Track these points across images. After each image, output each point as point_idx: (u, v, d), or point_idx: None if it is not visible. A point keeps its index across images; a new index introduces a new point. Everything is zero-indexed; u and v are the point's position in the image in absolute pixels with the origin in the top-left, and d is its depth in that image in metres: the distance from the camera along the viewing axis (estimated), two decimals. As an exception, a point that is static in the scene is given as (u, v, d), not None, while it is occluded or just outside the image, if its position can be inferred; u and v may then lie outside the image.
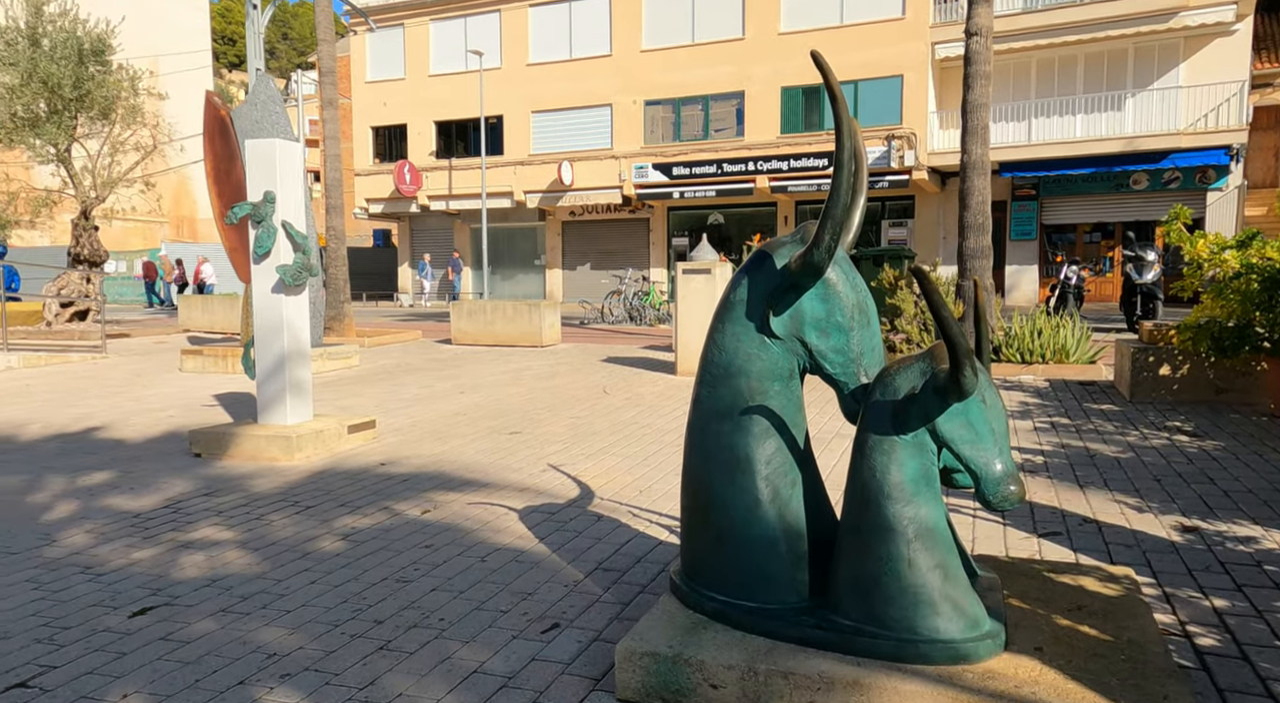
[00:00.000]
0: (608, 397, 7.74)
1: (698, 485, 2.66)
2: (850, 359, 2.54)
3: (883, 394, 2.35)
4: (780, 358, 2.57)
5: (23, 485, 4.81)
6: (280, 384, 5.59)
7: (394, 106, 29.28)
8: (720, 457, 2.60)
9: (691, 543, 2.71)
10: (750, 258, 2.67)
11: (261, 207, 5.49)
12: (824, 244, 2.38)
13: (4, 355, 9.94)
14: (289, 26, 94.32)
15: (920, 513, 2.29)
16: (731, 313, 2.64)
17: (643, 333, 15.31)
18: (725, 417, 2.60)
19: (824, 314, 2.54)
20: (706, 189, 24.95)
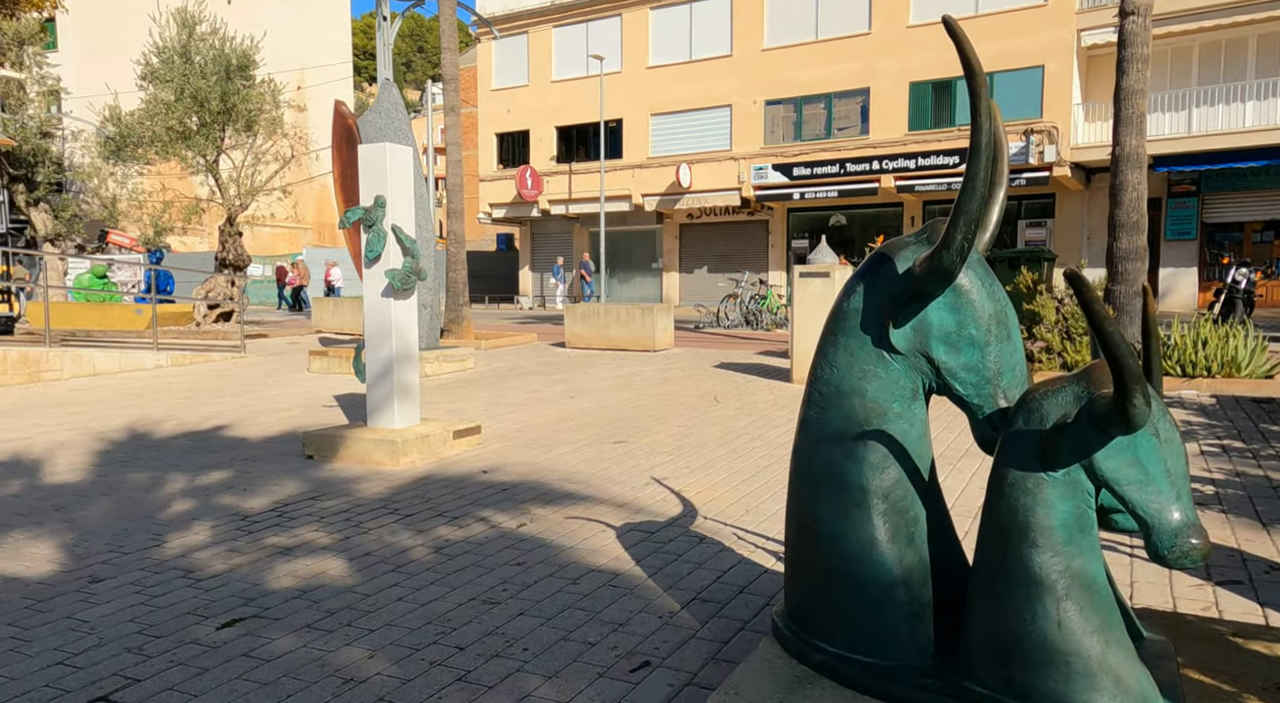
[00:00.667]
0: (719, 405, 7.45)
1: (804, 518, 2.36)
2: (985, 379, 2.18)
3: (1027, 422, 1.98)
4: (901, 376, 2.24)
5: (148, 483, 4.98)
6: (388, 387, 5.61)
7: (517, 113, 29.93)
8: (831, 487, 2.29)
9: (797, 582, 2.41)
10: (868, 261, 2.35)
11: (372, 211, 5.52)
12: (955, 244, 2.03)
13: (154, 354, 10.60)
14: (424, 40, 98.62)
15: (1074, 565, 1.92)
16: (845, 324, 2.33)
17: (758, 338, 14.91)
18: (837, 442, 2.29)
19: (954, 326, 2.19)
20: (828, 190, 24.21)
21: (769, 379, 8.98)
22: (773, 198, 25.38)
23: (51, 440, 6.27)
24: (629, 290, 29.95)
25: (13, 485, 4.98)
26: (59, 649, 2.75)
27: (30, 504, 4.54)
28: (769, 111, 25.64)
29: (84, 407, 7.86)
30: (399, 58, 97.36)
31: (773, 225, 26.94)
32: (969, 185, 2.01)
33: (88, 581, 3.38)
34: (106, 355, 10.08)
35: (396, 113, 9.93)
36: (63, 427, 6.84)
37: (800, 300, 8.45)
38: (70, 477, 5.17)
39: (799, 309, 8.46)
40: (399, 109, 9.96)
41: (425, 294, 9.97)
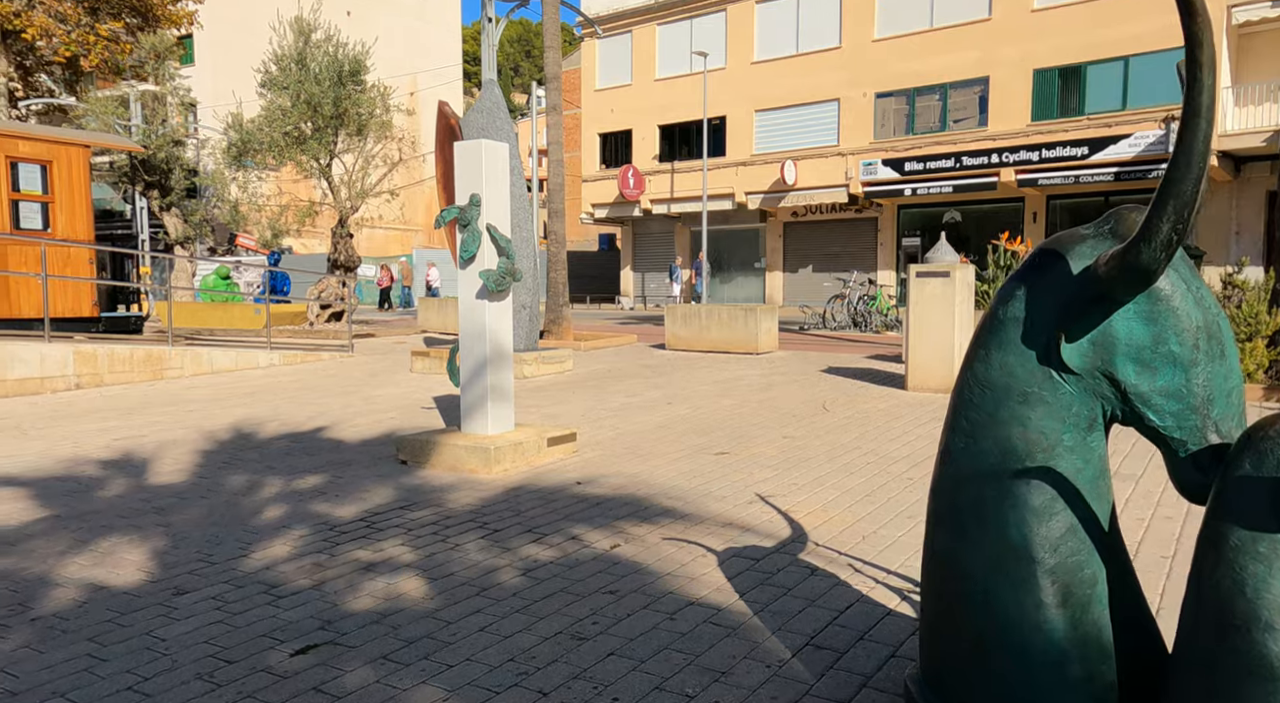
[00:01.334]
0: (827, 414, 6.99)
1: (948, 570, 1.96)
2: (1189, 407, 1.73)
3: (1258, 466, 1.54)
4: (1075, 401, 1.82)
5: (245, 486, 4.95)
6: (481, 392, 5.43)
7: (620, 112, 29.90)
8: (982, 536, 1.88)
9: (936, 646, 2.01)
10: (1032, 258, 1.92)
11: (467, 210, 5.36)
12: (1161, 236, 1.60)
13: (268, 353, 10.91)
14: (531, 45, 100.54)
15: (1325, 659, 1.46)
16: (1002, 335, 1.91)
17: (868, 341, 14.23)
18: (990, 480, 1.88)
19: (1148, 340, 1.75)
20: (942, 185, 23.08)
21: (881, 385, 8.43)
22: (882, 194, 24.41)
23: (164, 439, 6.40)
24: (731, 291, 29.47)
25: (119, 485, 5.04)
26: (131, 673, 2.62)
27: (134, 506, 4.56)
28: (879, 104, 24.67)
29: (198, 405, 8.08)
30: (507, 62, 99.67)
31: (882, 223, 25.94)
32: (1182, 160, 1.57)
33: (172, 593, 3.29)
34: (224, 354, 10.42)
35: (498, 112, 9.86)
36: (177, 425, 7.01)
37: (916, 302, 7.87)
38: (174, 477, 5.21)
39: (915, 311, 7.89)
40: (500, 108, 9.89)
41: (524, 295, 9.87)
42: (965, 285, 7.83)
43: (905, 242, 25.53)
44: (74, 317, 10.46)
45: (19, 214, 9.97)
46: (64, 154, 10.29)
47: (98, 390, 8.98)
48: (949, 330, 7.72)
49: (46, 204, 10.22)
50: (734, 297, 29.23)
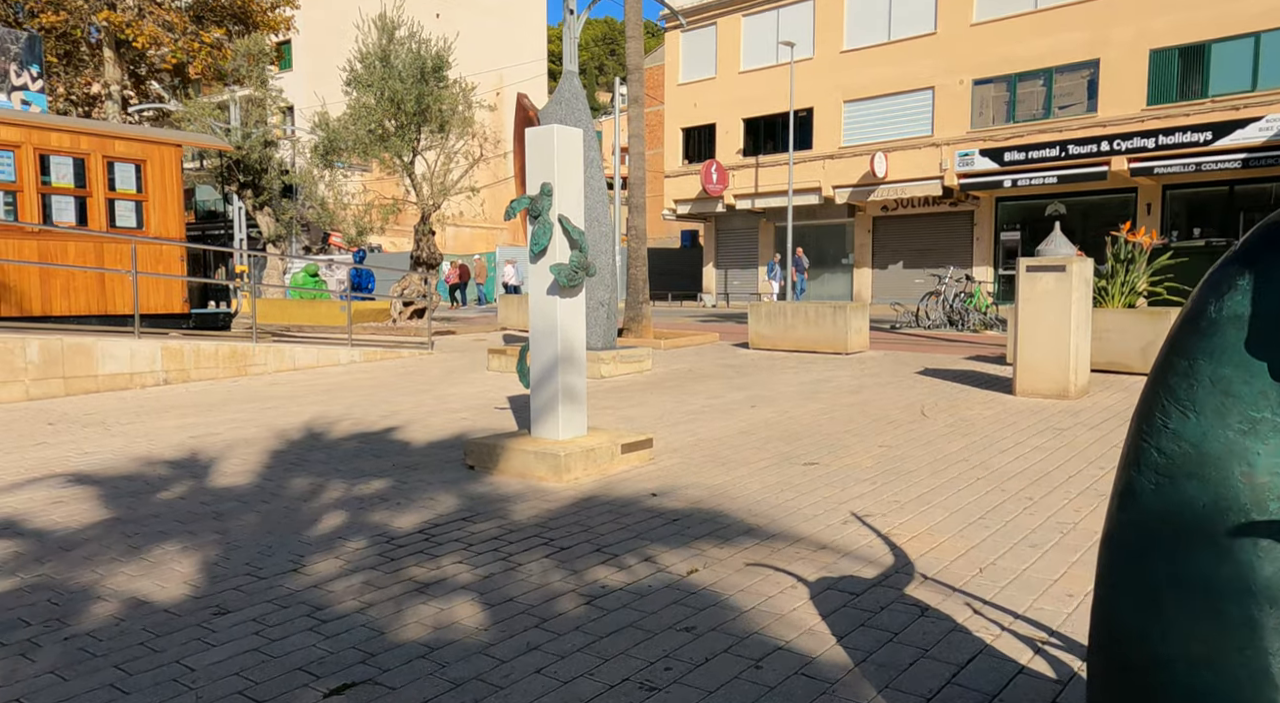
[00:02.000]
0: (926, 420, 6.41)
1: (1132, 654, 1.48)
2: None
3: None
4: (1323, 432, 1.32)
5: (308, 491, 4.75)
6: (552, 394, 5.10)
7: (703, 106, 29.41)
8: (1186, 605, 1.40)
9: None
10: (1262, 235, 1.42)
11: (538, 200, 5.03)
12: None
13: (348, 350, 10.91)
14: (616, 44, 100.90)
15: None
16: (1214, 339, 1.42)
17: (965, 340, 13.40)
18: (1195, 533, 1.40)
19: None
20: (1046, 175, 21.78)
21: (985, 389, 7.76)
22: (979, 186, 23.23)
23: (236, 437, 6.31)
24: (817, 288, 28.63)
25: (184, 486, 4.91)
26: (150, 708, 2.36)
27: (193, 510, 4.40)
28: (977, 92, 23.48)
29: (276, 402, 8.04)
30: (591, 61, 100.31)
31: (978, 216, 24.71)
32: None
33: (213, 612, 3.05)
34: (306, 351, 10.46)
35: (576, 102, 9.57)
36: (252, 422, 6.94)
37: (1027, 299, 7.18)
38: (238, 479, 5.06)
39: (1025, 309, 7.20)
40: (579, 99, 9.59)
41: (602, 292, 9.55)
42: (1083, 281, 7.11)
43: (1004, 236, 24.27)
44: (166, 313, 10.67)
45: (115, 213, 10.22)
46: (157, 153, 10.50)
47: (184, 386, 9.09)
48: (1064, 330, 7.02)
49: (140, 203, 10.45)
50: (820, 294, 28.38)
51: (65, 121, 10.29)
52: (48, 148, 9.66)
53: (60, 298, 9.71)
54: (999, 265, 24.18)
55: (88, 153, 9.94)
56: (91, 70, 30.01)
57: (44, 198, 9.72)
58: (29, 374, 8.20)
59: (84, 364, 8.56)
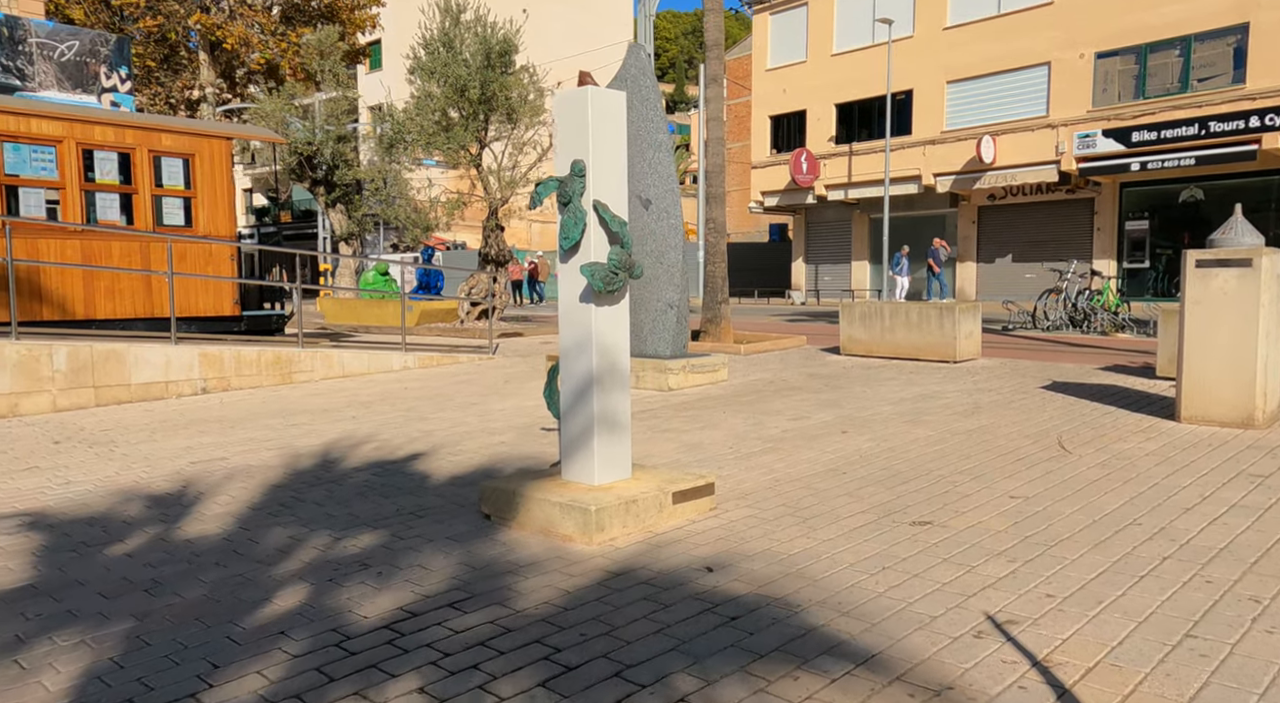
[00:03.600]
0: (1068, 458, 5.06)
1: None
2: None
3: None
4: None
5: (279, 548, 3.83)
6: (585, 425, 4.04)
7: (793, 92, 27.88)
8: None
9: None
10: None
11: (568, 183, 3.97)
12: None
13: (402, 355, 10.17)
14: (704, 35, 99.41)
15: None
16: None
17: (1094, 345, 11.70)
18: None
19: None
20: (1181, 157, 19.47)
21: (1136, 412, 6.30)
22: (1102, 170, 21.03)
23: (242, 463, 5.51)
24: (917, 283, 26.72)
25: (144, 536, 4.08)
26: None
27: (131, 575, 3.54)
28: (1100, 66, 21.25)
29: (308, 417, 7.27)
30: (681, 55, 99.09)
31: (1100, 204, 22.45)
32: None
33: (43, 772, 2.10)
34: (356, 357, 9.74)
35: (643, 78, 8.48)
36: (267, 444, 6.16)
37: (1198, 301, 5.71)
38: (211, 526, 4.19)
39: (1195, 313, 5.73)
40: (646, 75, 8.50)
41: (671, 292, 8.45)
42: (1275, 278, 5.59)
43: (1129, 226, 21.96)
44: (215, 315, 10.14)
45: (161, 210, 9.72)
46: (206, 147, 9.96)
47: (220, 396, 8.46)
48: (1248, 340, 5.53)
49: (189, 199, 9.93)
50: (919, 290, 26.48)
51: (108, 114, 9.86)
52: (91, 142, 9.20)
53: (104, 300, 9.26)
54: (1123, 258, 21.88)
55: (133, 147, 9.46)
56: (189, 73, 30.72)
57: (87, 195, 9.27)
58: (56, 383, 7.68)
59: (116, 372, 8.01)
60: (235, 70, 30.10)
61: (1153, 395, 6.99)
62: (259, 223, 48.57)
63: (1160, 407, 6.48)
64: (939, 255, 22.10)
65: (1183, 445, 5.26)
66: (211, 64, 28.40)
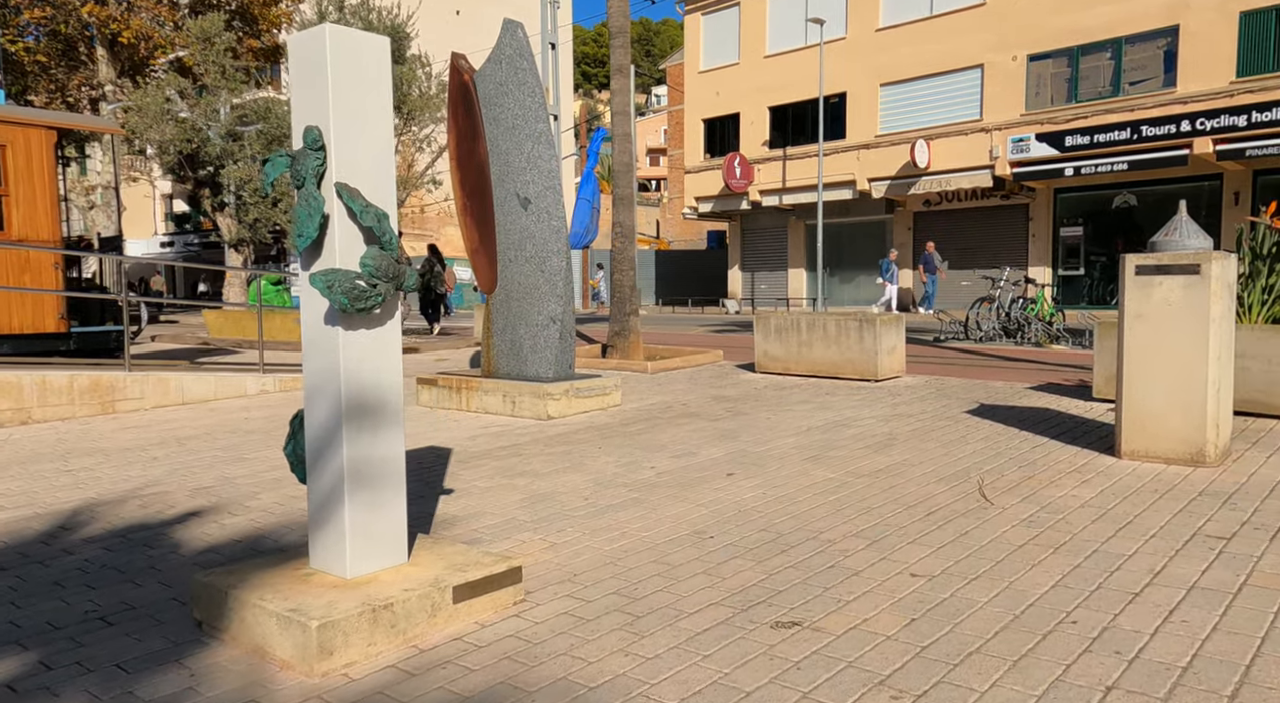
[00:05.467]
0: (988, 510, 4.11)
1: None
2: None
3: None
4: None
5: None
6: (332, 491, 2.94)
7: (726, 95, 27.11)
8: None
9: None
10: None
11: (301, 159, 2.87)
12: None
13: (258, 377, 8.90)
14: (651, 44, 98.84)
15: None
16: None
17: (1028, 357, 10.96)
18: None
19: None
20: (1115, 162, 19.11)
21: (1072, 444, 5.41)
22: (1036, 175, 20.62)
23: (-52, 530, 4.26)
24: (852, 292, 26.15)
25: None
26: None
27: None
28: (1033, 69, 20.86)
29: (96, 459, 6.00)
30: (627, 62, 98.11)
31: (1034, 210, 22.07)
32: None
33: None
34: (199, 381, 8.45)
35: (520, 61, 7.41)
36: (14, 498, 4.90)
37: (1139, 314, 4.83)
38: None
39: (1137, 330, 4.85)
40: (524, 57, 7.43)
41: (553, 305, 7.37)
42: (1225, 288, 4.75)
43: (1064, 232, 21.60)
44: (35, 333, 8.74)
45: (-38, 211, 8.32)
46: (21, 137, 8.59)
47: (7, 432, 7.11)
48: (1198, 360, 4.66)
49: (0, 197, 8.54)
50: (856, 299, 25.89)
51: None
52: None
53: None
54: (1059, 265, 21.49)
55: (-78, 137, 8.05)
56: (88, 70, 28.73)
57: None
58: None
59: (-126, 404, 6.63)
60: (142, 67, 28.23)
61: (1089, 422, 6.13)
62: (178, 230, 46.18)
63: (1098, 436, 5.61)
64: (932, 262, 20.61)
65: (1124, 491, 4.34)
66: (111, 60, 26.51)
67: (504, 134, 7.60)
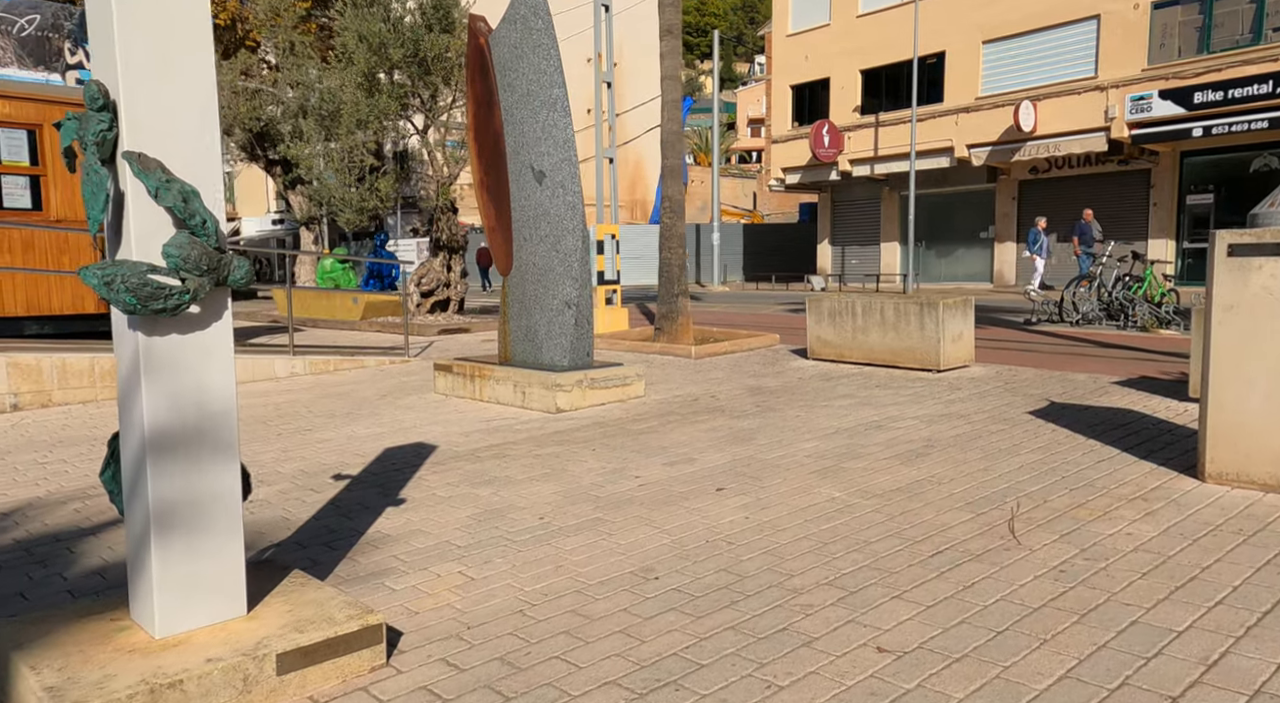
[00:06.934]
0: (1011, 553, 3.29)
1: None
2: None
3: None
4: None
5: None
6: (142, 532, 2.44)
7: (815, 59, 25.68)
8: None
9: None
10: None
11: (86, 124, 2.35)
12: None
13: (287, 360, 8.71)
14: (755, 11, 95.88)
15: None
16: None
17: (1129, 344, 9.66)
18: None
19: None
20: (1253, 119, 16.93)
21: (1145, 458, 4.44)
22: (1159, 137, 18.56)
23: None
24: (951, 267, 24.50)
25: None
26: None
27: None
28: (1157, 17, 18.70)
29: (88, 448, 5.84)
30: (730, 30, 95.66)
31: (1156, 177, 19.94)
32: None
33: None
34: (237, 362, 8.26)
35: (535, 20, 6.78)
36: (-30, 493, 4.71)
37: (1231, 305, 3.84)
38: None
39: (1226, 324, 3.86)
40: (539, 16, 6.79)
41: (569, 288, 6.77)
42: (1353, 272, 3.69)
43: (1190, 200, 19.42)
44: (75, 313, 8.81)
45: (0, 191, 8.38)
46: (59, 116, 8.56)
47: (29, 415, 7.08)
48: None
49: (37, 177, 8.58)
50: (954, 274, 24.23)
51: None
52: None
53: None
54: (1184, 238, 19.37)
55: (-42, 118, 8.12)
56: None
57: (-98, 176, 7.98)
58: None
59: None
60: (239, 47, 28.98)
61: (1177, 430, 5.09)
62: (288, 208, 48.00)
63: (1182, 450, 4.61)
64: (1088, 232, 15.75)
65: (1197, 530, 3.42)
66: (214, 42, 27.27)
67: (519, 101, 7.01)
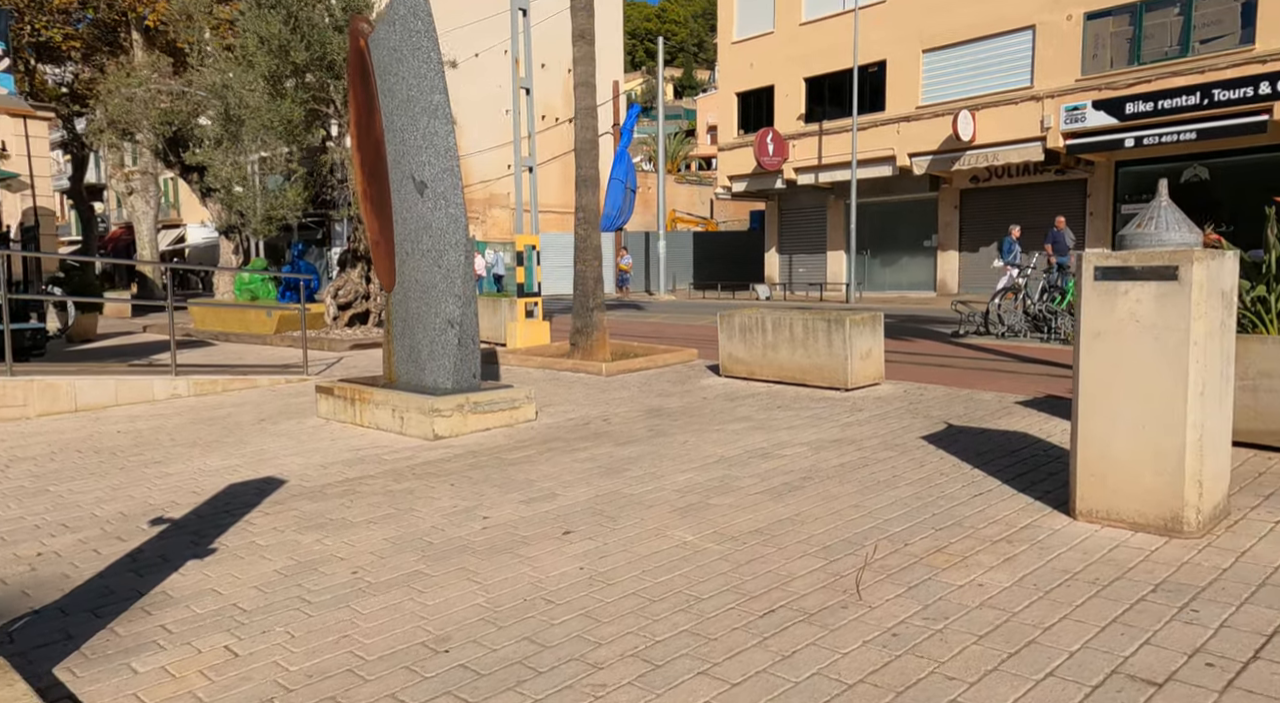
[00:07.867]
0: (849, 611, 2.99)
1: None
2: None
3: None
4: None
5: None
6: None
7: (760, 66, 25.59)
8: None
9: None
10: None
11: None
12: None
13: (168, 381, 8.21)
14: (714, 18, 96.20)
15: None
16: None
17: (1049, 359, 9.53)
18: None
19: None
20: (1182, 130, 17.10)
21: (1022, 489, 4.18)
22: (1093, 147, 18.69)
23: None
24: (895, 275, 24.51)
25: None
26: None
27: None
28: (1091, 28, 18.87)
29: (-97, 484, 5.31)
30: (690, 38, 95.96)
31: (1092, 186, 20.10)
32: None
33: None
34: (97, 386, 7.78)
35: (414, 21, 6.40)
36: None
37: (1098, 333, 3.60)
38: None
39: (1094, 353, 3.62)
40: (419, 17, 6.41)
41: (452, 305, 6.40)
42: (1217, 297, 3.47)
43: (1125, 210, 19.61)
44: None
45: None
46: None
47: None
48: (1175, 392, 3.42)
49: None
50: (897, 282, 24.23)
51: None
52: None
53: None
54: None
55: None
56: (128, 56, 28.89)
57: None
58: None
59: None
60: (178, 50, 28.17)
61: (1065, 457, 4.86)
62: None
63: (1062, 482, 4.37)
64: (1064, 240, 14.34)
65: (1054, 578, 3.15)
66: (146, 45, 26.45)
67: (399, 108, 6.63)
